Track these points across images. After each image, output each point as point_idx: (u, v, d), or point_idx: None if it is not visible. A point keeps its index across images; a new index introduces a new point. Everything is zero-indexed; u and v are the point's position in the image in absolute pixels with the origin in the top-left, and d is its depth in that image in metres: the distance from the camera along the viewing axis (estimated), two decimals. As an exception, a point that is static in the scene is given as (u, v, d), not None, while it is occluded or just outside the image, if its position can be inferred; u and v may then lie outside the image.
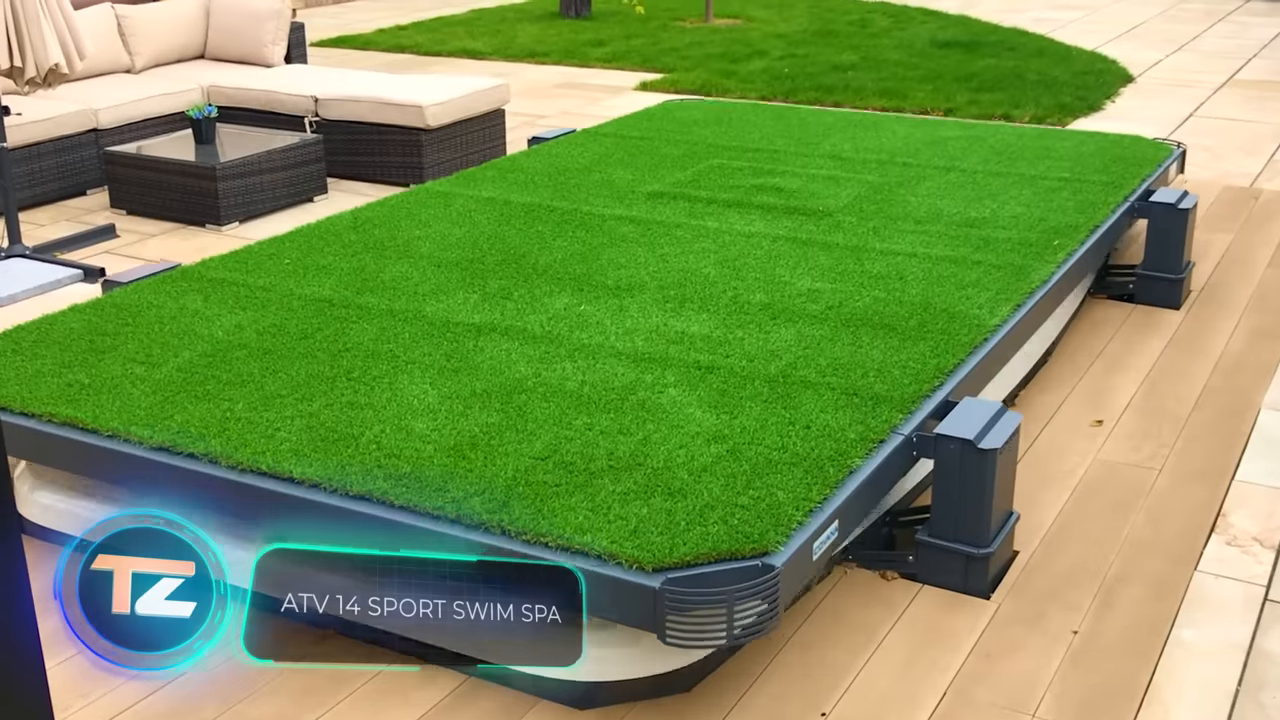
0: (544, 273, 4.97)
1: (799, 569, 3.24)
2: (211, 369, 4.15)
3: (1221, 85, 11.06)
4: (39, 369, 4.18)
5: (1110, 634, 3.64)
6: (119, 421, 3.83)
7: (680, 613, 3.06)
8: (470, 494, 3.40)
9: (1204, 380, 5.23)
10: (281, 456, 3.61)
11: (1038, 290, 4.83)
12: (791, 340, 4.32)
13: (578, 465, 3.53)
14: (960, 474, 3.73)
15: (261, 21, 9.68)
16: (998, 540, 3.83)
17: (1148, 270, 6.00)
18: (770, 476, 3.47)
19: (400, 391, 3.97)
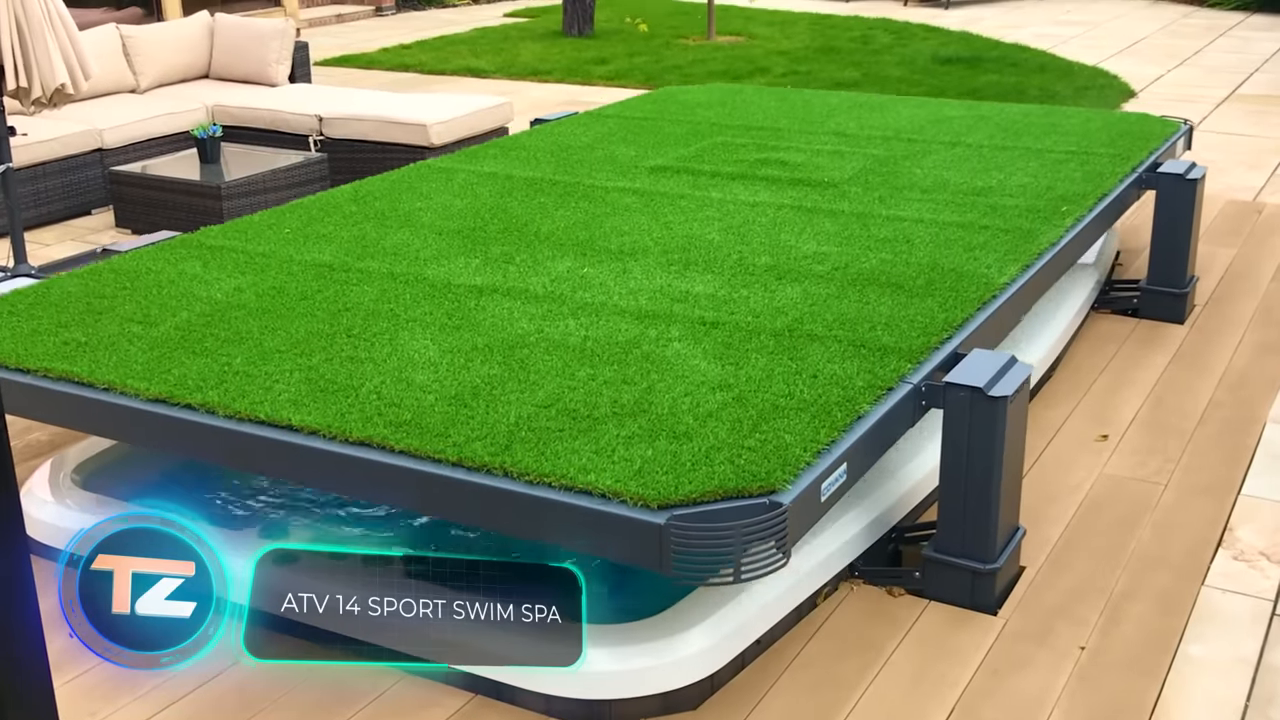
0: (546, 239, 4.93)
1: (807, 509, 3.19)
2: (209, 327, 4.11)
3: (1224, 100, 11.08)
4: (35, 328, 4.15)
5: (1118, 650, 3.64)
6: (115, 375, 3.78)
7: (686, 550, 3.01)
8: (472, 439, 3.34)
9: (1209, 395, 5.23)
10: (280, 406, 3.56)
11: (1046, 252, 4.76)
12: (797, 298, 4.27)
13: (581, 412, 3.48)
14: (970, 425, 3.67)
15: (266, 41, 9.71)
16: (1004, 555, 3.82)
17: (1152, 285, 6.00)
18: (777, 421, 3.42)
19: (400, 347, 3.92)
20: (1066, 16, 16.74)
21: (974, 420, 3.67)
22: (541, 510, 3.15)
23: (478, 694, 3.46)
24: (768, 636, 3.63)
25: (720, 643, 3.47)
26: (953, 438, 3.73)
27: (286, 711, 3.42)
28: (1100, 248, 6.42)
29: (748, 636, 3.55)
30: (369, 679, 3.50)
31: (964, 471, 3.73)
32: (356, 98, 9.09)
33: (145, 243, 5.03)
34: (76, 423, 3.93)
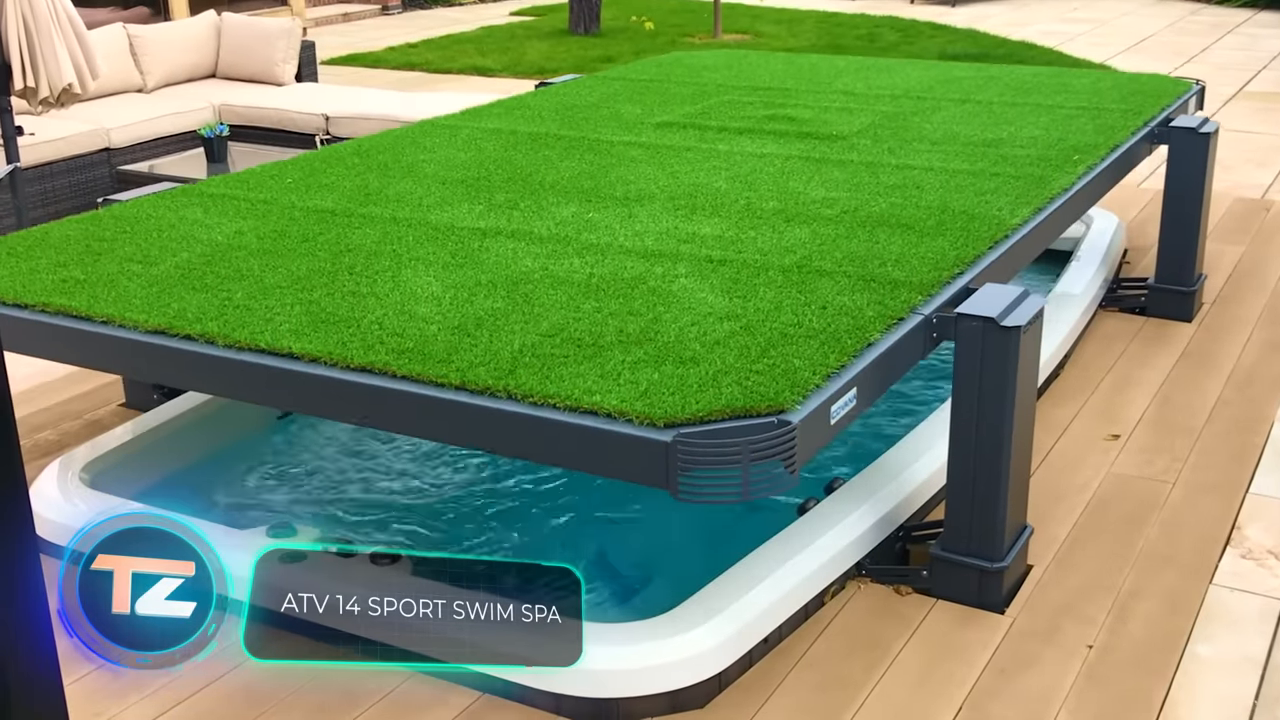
0: (551, 188, 4.89)
1: (817, 429, 3.14)
2: (209, 266, 4.08)
3: (1231, 97, 11.06)
4: (33, 268, 4.12)
5: (1125, 648, 3.63)
6: (114, 309, 3.76)
7: (693, 468, 2.97)
8: (475, 364, 3.30)
9: (1217, 393, 5.22)
10: (280, 336, 3.53)
11: (1058, 197, 4.71)
12: (806, 238, 4.23)
13: (585, 340, 3.43)
14: (982, 357, 3.60)
15: (272, 40, 9.72)
16: (1012, 554, 3.82)
17: (1160, 283, 5.99)
18: (785, 348, 3.37)
19: (403, 283, 3.89)
20: (1073, 14, 16.72)
21: (986, 351, 3.59)
22: (545, 431, 3.11)
23: (485, 693, 3.46)
24: (775, 635, 3.63)
25: (728, 641, 3.47)
26: (965, 371, 3.65)
27: (294, 711, 3.43)
28: (1107, 245, 6.42)
29: (755, 635, 3.56)
30: (376, 678, 3.51)
31: (975, 413, 3.66)
32: (363, 97, 9.10)
33: (146, 192, 5.01)
34: (75, 357, 3.89)
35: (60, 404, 5.28)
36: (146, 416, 4.83)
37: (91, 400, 5.31)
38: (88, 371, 5.60)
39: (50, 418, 5.15)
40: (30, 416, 5.10)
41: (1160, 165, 7.67)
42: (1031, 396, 3.83)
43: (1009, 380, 3.61)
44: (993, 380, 3.62)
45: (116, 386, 5.33)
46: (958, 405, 3.72)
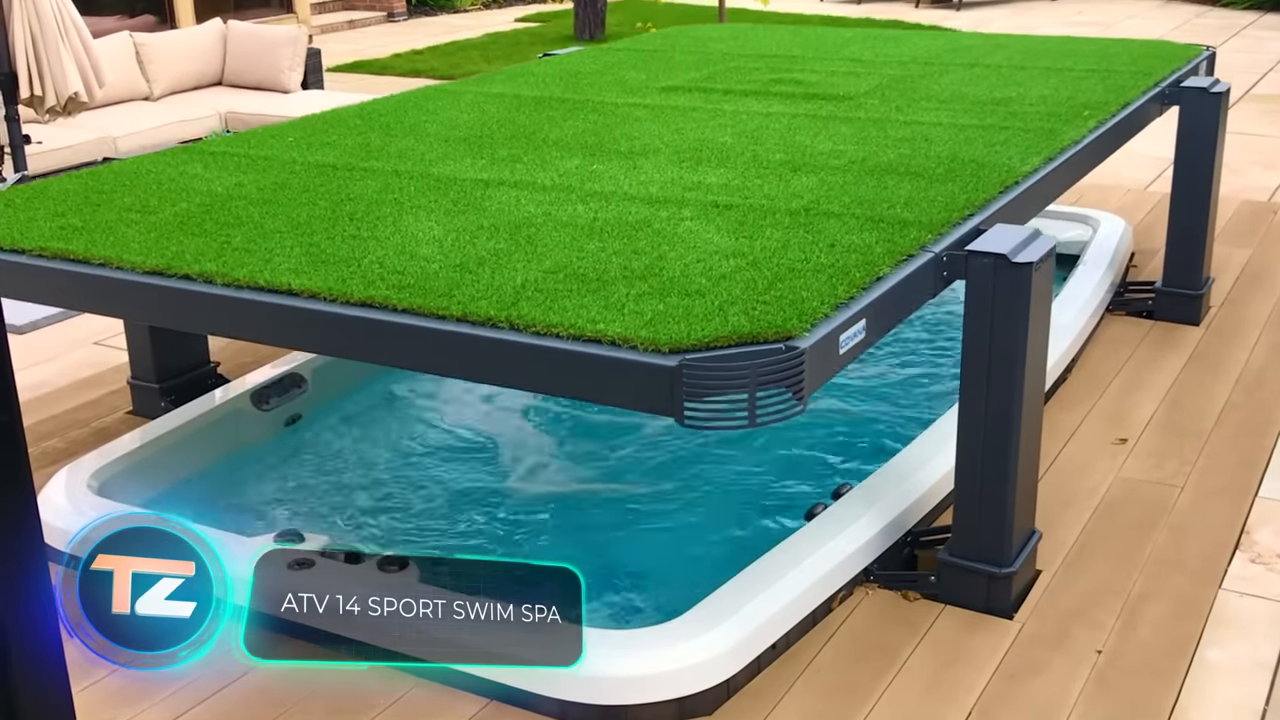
0: (554, 144, 4.85)
1: (825, 358, 3.09)
2: (209, 214, 4.05)
3: (1238, 100, 11.04)
4: (30, 217, 4.10)
5: (1135, 653, 3.62)
6: (111, 252, 3.74)
7: (699, 394, 2.92)
8: (477, 298, 3.27)
9: (1225, 396, 5.21)
10: (279, 274, 3.50)
11: (1069, 148, 4.66)
12: (813, 185, 4.19)
13: (589, 276, 3.39)
14: (994, 296, 3.53)
15: (278, 47, 9.74)
16: (1020, 559, 3.81)
17: (1167, 286, 5.98)
18: (793, 281, 3.32)
19: (404, 227, 3.85)
20: (1078, 17, 16.72)
21: (998, 289, 3.52)
22: (549, 360, 3.07)
23: (492, 700, 3.46)
24: (783, 641, 3.63)
25: (736, 647, 3.47)
26: (976, 310, 3.59)
27: (299, 718, 3.43)
28: (1114, 248, 6.41)
29: (763, 641, 3.55)
30: (382, 684, 3.50)
31: (987, 356, 3.60)
32: (369, 104, 9.09)
33: (146, 152, 4.99)
34: (72, 301, 3.85)
35: (67, 412, 5.29)
36: (154, 424, 4.83)
37: (98, 408, 5.32)
38: (95, 379, 5.61)
39: (57, 425, 5.15)
40: (37, 425, 5.10)
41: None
42: (1043, 339, 3.74)
43: (1021, 319, 3.54)
44: (1004, 320, 3.55)
45: (124, 394, 5.33)
46: (968, 349, 3.64)
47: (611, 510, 4.61)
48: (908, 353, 5.95)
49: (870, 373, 5.70)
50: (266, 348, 5.86)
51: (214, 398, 5.02)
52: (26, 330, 6.32)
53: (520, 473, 4.88)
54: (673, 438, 5.08)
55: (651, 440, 5.07)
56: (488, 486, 4.80)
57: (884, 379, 5.65)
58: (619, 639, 3.51)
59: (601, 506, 4.63)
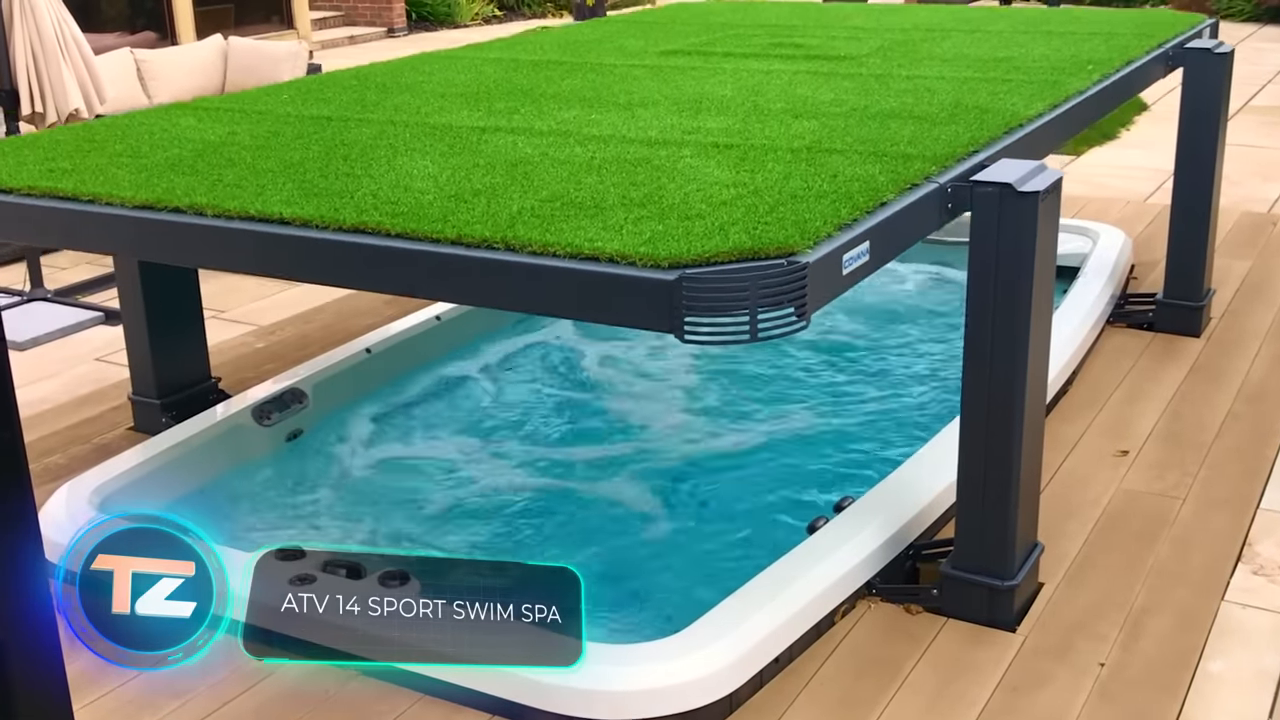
0: (552, 98, 4.82)
1: (828, 277, 3.03)
2: (201, 158, 4.02)
3: (1237, 112, 11.06)
4: (19, 162, 4.08)
5: (1138, 666, 3.62)
6: (101, 190, 3.71)
7: (699, 308, 2.85)
8: (472, 222, 3.23)
9: (1226, 408, 5.21)
10: (271, 205, 3.47)
11: (1074, 96, 4.63)
12: (815, 128, 4.15)
13: (587, 204, 3.35)
14: (999, 227, 3.46)
15: (278, 63, 9.76)
16: (1023, 572, 3.80)
17: (1168, 298, 5.98)
18: (795, 205, 3.25)
19: (399, 167, 3.81)
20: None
21: (1004, 219, 3.45)
22: (545, 280, 3.03)
23: (495, 714, 3.45)
24: (785, 655, 3.62)
25: (738, 661, 3.46)
26: (981, 245, 3.51)
27: (305, 733, 3.42)
28: (1114, 260, 6.41)
29: (766, 655, 3.54)
30: (385, 699, 3.50)
31: (993, 292, 3.53)
32: (369, 119, 9.12)
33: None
34: (61, 238, 3.83)
35: (68, 428, 5.29)
36: (155, 440, 4.83)
37: (100, 424, 5.32)
38: (96, 395, 5.61)
39: (59, 442, 5.15)
40: (38, 441, 5.10)
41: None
42: (1049, 276, 3.66)
43: (1027, 251, 3.45)
44: (1010, 252, 3.47)
45: (125, 410, 5.33)
46: (974, 286, 3.57)
47: (615, 522, 4.61)
48: (907, 383, 5.95)
49: (871, 394, 5.70)
50: (268, 363, 5.86)
51: (215, 413, 5.02)
52: (28, 346, 6.32)
53: (516, 483, 4.89)
54: (676, 440, 5.10)
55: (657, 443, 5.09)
56: (488, 504, 4.80)
57: (884, 403, 5.65)
58: (622, 653, 3.50)
59: (605, 517, 4.63)
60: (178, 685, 3.58)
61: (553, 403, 5.64)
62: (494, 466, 5.06)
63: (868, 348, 6.14)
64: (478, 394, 5.70)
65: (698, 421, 5.40)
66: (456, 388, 5.74)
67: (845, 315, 6.42)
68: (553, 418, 5.50)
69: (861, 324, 6.39)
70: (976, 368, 3.67)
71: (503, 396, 5.68)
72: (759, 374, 5.81)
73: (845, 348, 6.11)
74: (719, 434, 5.27)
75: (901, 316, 6.53)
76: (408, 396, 5.60)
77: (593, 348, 6.20)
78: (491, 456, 5.14)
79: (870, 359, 6.02)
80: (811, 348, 6.04)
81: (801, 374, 5.82)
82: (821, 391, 5.65)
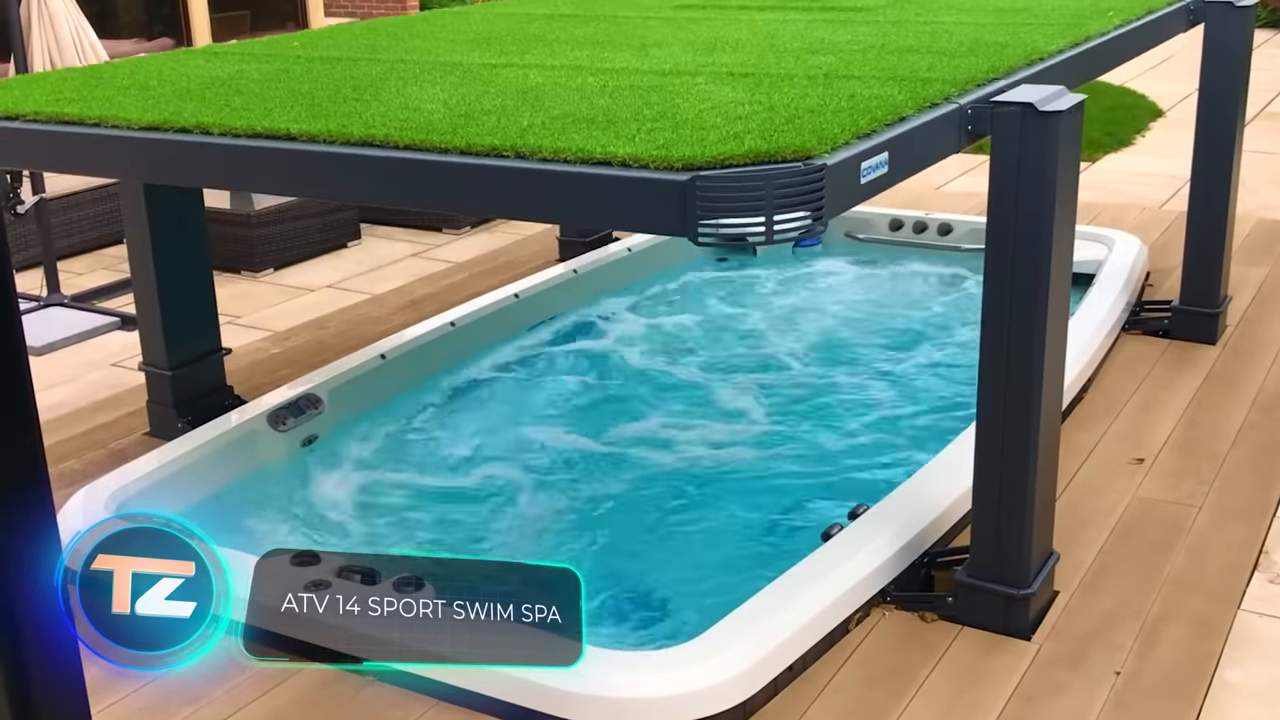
0: (565, 42, 4.81)
1: (846, 183, 2.98)
2: (209, 89, 4.02)
3: (1253, 118, 11.02)
4: (26, 95, 4.08)
5: (1154, 675, 3.60)
6: (107, 114, 3.70)
7: (713, 209, 2.80)
8: (482, 134, 3.21)
9: (1243, 416, 5.19)
10: (278, 123, 3.46)
11: (1095, 37, 4.59)
12: (832, 60, 4.12)
13: (599, 119, 3.31)
14: (1020, 149, 3.38)
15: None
16: (1038, 580, 3.79)
17: (1184, 305, 5.96)
18: (813, 118, 3.20)
19: (409, 95, 3.79)
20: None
21: (1025, 141, 3.37)
22: (556, 185, 3.00)
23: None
24: (800, 663, 3.62)
25: (752, 669, 3.46)
26: (1001, 168, 3.43)
27: (319, 739, 3.43)
28: (1130, 268, 6.39)
29: (780, 663, 3.54)
30: (397, 707, 3.50)
31: (1014, 214, 3.46)
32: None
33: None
34: (66, 163, 3.82)
35: (84, 433, 5.31)
36: (171, 445, 4.84)
37: (115, 430, 5.33)
38: (112, 401, 5.63)
39: (74, 447, 5.17)
40: (55, 446, 5.12)
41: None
42: (1072, 204, 3.58)
43: (1050, 174, 3.38)
44: (1032, 177, 3.39)
45: (141, 416, 5.35)
46: (994, 213, 3.50)
47: (625, 526, 4.61)
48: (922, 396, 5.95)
49: (885, 397, 5.70)
50: (283, 369, 5.88)
51: (230, 419, 5.03)
52: (44, 351, 6.35)
53: (526, 503, 4.89)
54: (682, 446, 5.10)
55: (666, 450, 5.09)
56: (504, 512, 4.80)
57: (898, 412, 5.65)
58: (635, 660, 3.50)
59: (614, 519, 4.63)
60: (192, 690, 3.59)
61: (567, 405, 5.65)
62: (503, 467, 5.07)
63: (886, 352, 6.13)
64: (492, 397, 5.71)
65: (711, 428, 5.40)
66: (470, 393, 5.75)
67: (856, 330, 6.42)
68: (566, 419, 5.51)
69: (877, 332, 6.39)
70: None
71: (517, 400, 5.69)
72: (775, 379, 5.81)
73: (863, 353, 6.11)
74: (733, 440, 5.26)
75: (920, 330, 6.52)
76: (422, 401, 5.61)
77: (608, 349, 6.21)
78: (502, 457, 5.15)
79: (887, 364, 6.02)
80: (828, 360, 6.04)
81: (816, 380, 5.82)
82: (837, 398, 5.65)
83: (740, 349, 6.23)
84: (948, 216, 7.47)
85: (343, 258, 7.83)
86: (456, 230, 8.32)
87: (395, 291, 7.06)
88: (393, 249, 8.03)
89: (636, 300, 6.83)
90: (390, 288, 7.14)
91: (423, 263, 7.70)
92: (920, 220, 7.44)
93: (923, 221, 7.43)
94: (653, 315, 6.66)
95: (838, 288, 7.05)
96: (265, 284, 7.39)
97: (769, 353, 6.17)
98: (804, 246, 7.57)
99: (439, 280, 7.22)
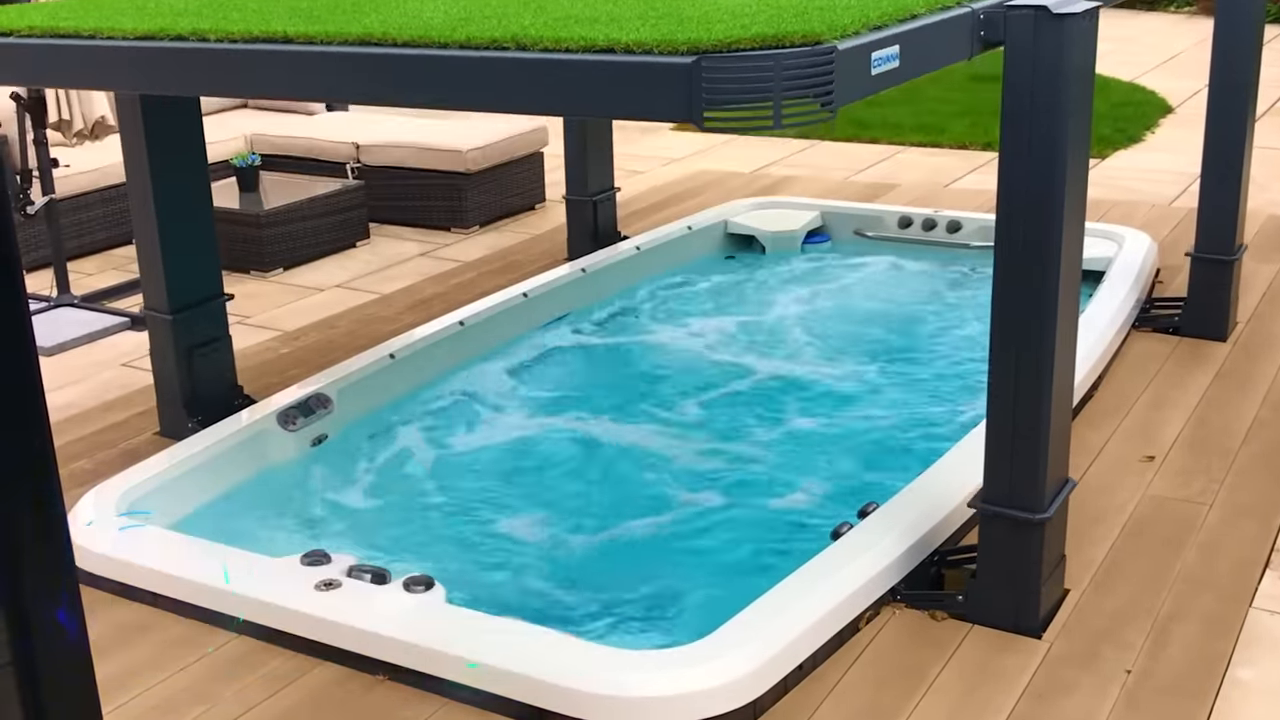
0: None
1: (856, 71, 2.91)
2: (208, 6, 4.02)
3: (1262, 114, 10.98)
4: (22, 15, 4.09)
5: (1165, 673, 3.60)
6: (101, 25, 3.68)
7: (719, 93, 2.73)
8: (482, 33, 3.17)
9: (1253, 413, 5.17)
10: (276, 27, 3.44)
11: None
12: None
13: (602, 19, 3.26)
14: (1034, 54, 3.29)
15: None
16: (1054, 505, 3.71)
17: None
18: (822, 13, 3.12)
19: (408, 6, 3.77)
20: (1101, 33, 16.66)
21: (1039, 44, 3.28)
22: (557, 75, 2.95)
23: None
24: (810, 662, 3.61)
25: (762, 668, 3.45)
26: (1015, 74, 3.34)
27: (330, 739, 3.43)
28: (1140, 265, 6.38)
29: (790, 662, 3.54)
30: (409, 706, 3.51)
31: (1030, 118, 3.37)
32: (392, 125, 9.15)
33: None
34: (63, 76, 3.81)
35: (95, 433, 5.32)
36: (181, 445, 4.85)
37: (126, 430, 5.35)
38: (122, 401, 5.65)
39: (85, 447, 5.18)
40: (65, 446, 5.14)
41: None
42: (1086, 112, 3.51)
43: (1063, 79, 3.30)
44: (1046, 80, 3.31)
45: (151, 416, 5.36)
46: (1008, 122, 3.39)
47: (635, 525, 4.61)
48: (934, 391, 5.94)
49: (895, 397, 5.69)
50: (292, 368, 5.89)
51: (240, 419, 5.04)
52: (54, 352, 6.36)
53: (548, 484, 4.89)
54: (687, 449, 5.09)
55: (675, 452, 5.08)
56: (520, 510, 4.80)
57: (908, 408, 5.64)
58: (645, 660, 3.50)
59: (624, 520, 4.63)
60: (202, 690, 3.60)
61: (576, 404, 5.65)
62: (511, 466, 5.07)
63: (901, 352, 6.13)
64: (500, 397, 5.71)
65: (719, 425, 5.39)
66: (478, 392, 5.75)
67: (866, 326, 6.41)
68: (575, 418, 5.50)
69: (887, 328, 6.38)
70: (1010, 221, 3.47)
71: (525, 399, 5.69)
72: (793, 382, 5.81)
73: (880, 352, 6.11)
74: (741, 437, 5.26)
75: (930, 326, 6.51)
76: (432, 401, 5.61)
77: (617, 347, 6.21)
78: (510, 457, 5.15)
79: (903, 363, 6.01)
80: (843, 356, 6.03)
81: (830, 379, 5.82)
82: (847, 394, 5.64)
83: (749, 346, 6.23)
84: (957, 214, 7.47)
85: (351, 257, 7.84)
86: (465, 230, 8.33)
87: (404, 291, 7.07)
88: (401, 248, 8.04)
89: (645, 299, 6.83)
90: (399, 287, 7.16)
91: (431, 262, 7.71)
92: (929, 218, 7.44)
93: (932, 219, 7.44)
94: (661, 314, 6.67)
95: (848, 285, 7.05)
96: (274, 284, 7.41)
97: (777, 349, 6.17)
98: (812, 244, 7.57)
99: (448, 279, 7.23)
